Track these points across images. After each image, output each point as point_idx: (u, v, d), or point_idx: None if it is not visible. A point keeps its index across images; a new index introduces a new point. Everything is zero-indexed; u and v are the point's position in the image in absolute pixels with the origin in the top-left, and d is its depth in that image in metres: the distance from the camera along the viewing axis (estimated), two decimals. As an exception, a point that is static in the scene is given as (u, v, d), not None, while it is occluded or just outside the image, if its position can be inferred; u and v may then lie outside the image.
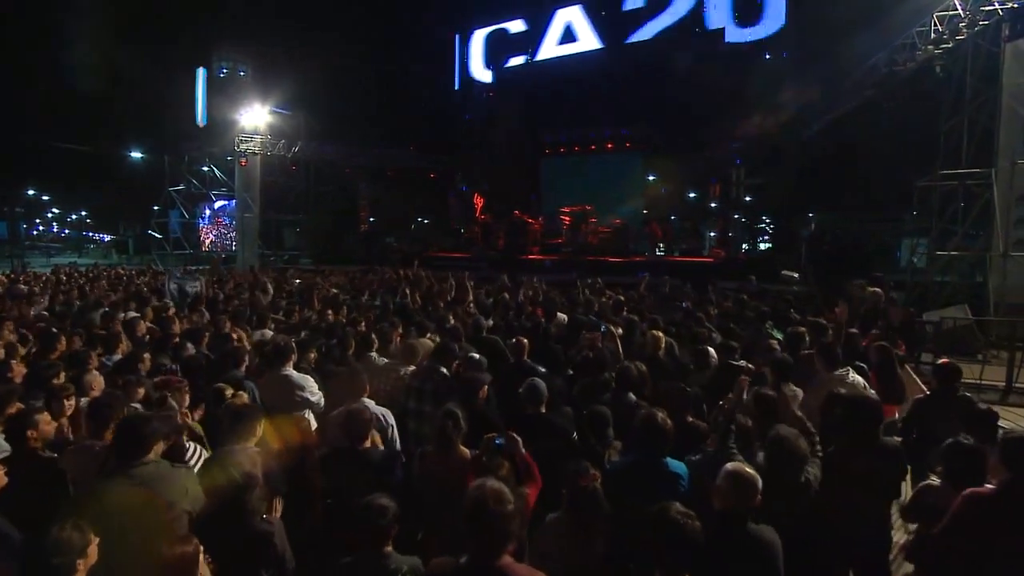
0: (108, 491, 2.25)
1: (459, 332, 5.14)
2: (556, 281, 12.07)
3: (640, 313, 6.51)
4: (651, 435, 2.60)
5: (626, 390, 3.81)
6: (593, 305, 6.83)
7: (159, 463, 2.46)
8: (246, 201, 23.97)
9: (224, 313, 6.46)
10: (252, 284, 10.50)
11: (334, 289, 9.82)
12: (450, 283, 9.07)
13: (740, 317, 6.69)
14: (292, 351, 3.86)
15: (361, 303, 8.50)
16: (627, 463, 2.70)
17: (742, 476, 2.12)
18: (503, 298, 7.94)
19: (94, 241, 64.74)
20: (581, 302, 7.56)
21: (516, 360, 4.52)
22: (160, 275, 10.09)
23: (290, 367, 3.85)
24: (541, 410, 3.32)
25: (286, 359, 3.81)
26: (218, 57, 27.09)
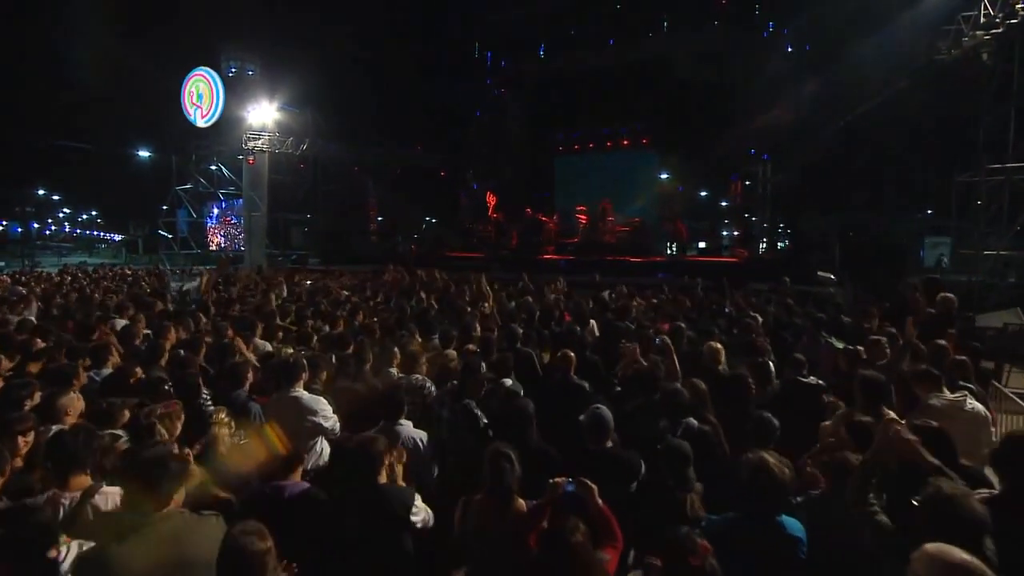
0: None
1: (491, 343, 4.59)
2: (575, 282, 11.51)
3: (682, 319, 5.94)
4: (763, 487, 2.04)
5: (683, 414, 3.25)
6: (628, 310, 6.25)
7: (183, 513, 2.01)
8: (254, 200, 23.55)
9: (227, 319, 5.96)
10: (261, 286, 10.01)
11: (344, 291, 9.31)
12: (470, 285, 8.54)
13: (788, 324, 6.09)
14: (303, 369, 3.33)
15: (374, 306, 7.99)
16: (732, 523, 2.14)
17: (958, 565, 1.46)
18: (527, 302, 7.38)
19: (105, 241, 64.95)
20: (613, 306, 6.98)
21: (562, 377, 3.96)
22: (164, 276, 9.59)
23: (300, 387, 3.32)
24: (607, 445, 2.77)
25: (296, 378, 3.28)
26: (226, 56, 26.73)
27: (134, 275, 14.33)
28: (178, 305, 7.09)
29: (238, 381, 3.45)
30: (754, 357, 4.56)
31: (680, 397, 3.37)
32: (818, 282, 10.09)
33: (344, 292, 9.33)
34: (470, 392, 3.49)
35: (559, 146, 23.66)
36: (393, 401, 3.21)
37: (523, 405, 3.10)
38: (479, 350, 4.48)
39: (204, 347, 4.56)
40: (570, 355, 4.04)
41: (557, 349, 5.29)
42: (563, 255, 16.95)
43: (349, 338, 4.92)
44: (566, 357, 4.02)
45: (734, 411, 3.57)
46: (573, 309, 6.54)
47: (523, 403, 3.14)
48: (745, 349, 4.73)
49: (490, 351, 4.51)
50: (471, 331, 5.03)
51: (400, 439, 3.10)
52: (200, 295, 7.44)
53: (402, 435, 3.14)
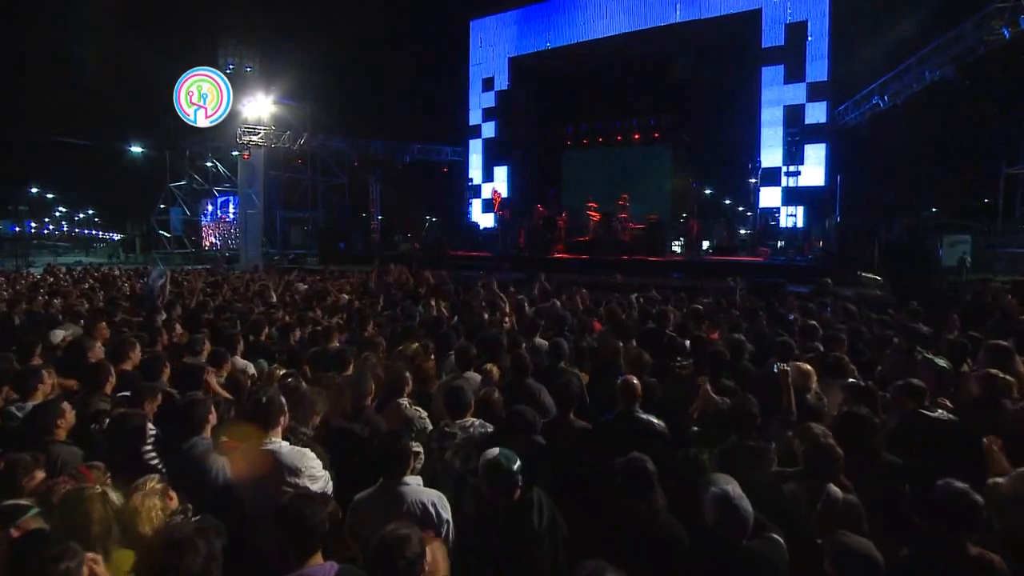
0: None
1: (524, 363, 3.69)
2: (589, 283, 10.63)
3: (735, 328, 5.05)
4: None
5: (817, 477, 2.37)
6: (668, 317, 5.36)
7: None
8: (249, 197, 22.68)
9: (204, 330, 5.08)
10: (253, 288, 9.13)
11: (345, 295, 8.42)
12: (482, 289, 7.67)
13: (858, 334, 5.19)
14: (280, 411, 2.44)
15: (379, 310, 7.11)
16: None
17: None
18: (552, 307, 6.49)
19: (104, 240, 64.16)
20: (654, 311, 6.08)
21: (624, 411, 3.09)
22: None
23: (278, 436, 2.43)
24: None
25: (271, 423, 2.40)
26: (224, 53, 25.93)
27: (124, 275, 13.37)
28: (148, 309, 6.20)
29: (196, 426, 2.57)
30: (846, 380, 3.69)
31: (826, 458, 2.45)
32: (861, 283, 9.20)
33: (344, 296, 8.44)
34: (512, 441, 2.58)
35: (567, 140, 22.73)
36: (395, 451, 2.33)
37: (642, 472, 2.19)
38: (515, 373, 3.60)
39: (167, 369, 3.68)
40: (635, 384, 3.16)
41: (597, 370, 4.46)
42: (575, 254, 16.05)
43: (348, 356, 4.04)
44: (629, 386, 3.14)
45: (855, 460, 2.70)
46: (610, 317, 5.64)
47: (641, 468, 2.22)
48: (831, 369, 3.84)
49: (524, 374, 3.62)
50: (499, 348, 4.13)
51: (405, 504, 2.23)
52: (156, 299, 6.54)
53: (407, 499, 2.26)
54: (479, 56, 25.10)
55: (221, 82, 21.33)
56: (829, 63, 17.98)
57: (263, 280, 10.52)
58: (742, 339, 4.35)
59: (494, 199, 20.76)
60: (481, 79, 24.93)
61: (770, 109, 18.83)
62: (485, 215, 23.39)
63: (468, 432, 2.92)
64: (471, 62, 25.29)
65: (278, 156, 24.00)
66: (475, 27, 25.12)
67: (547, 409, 3.47)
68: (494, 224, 21.23)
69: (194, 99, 21.65)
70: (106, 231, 71.29)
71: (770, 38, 18.85)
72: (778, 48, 18.68)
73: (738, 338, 4.36)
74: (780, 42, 18.66)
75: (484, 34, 24.89)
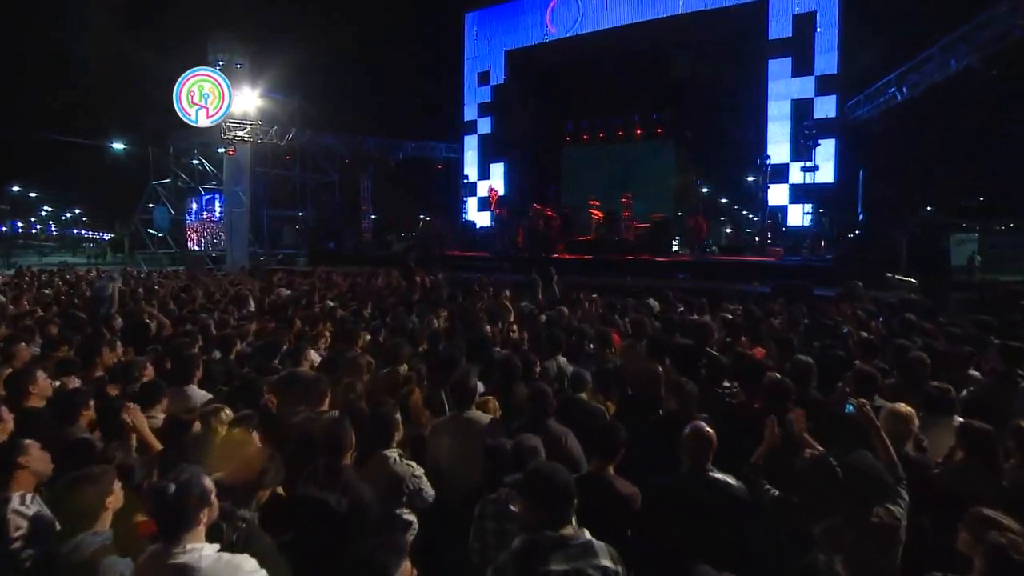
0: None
1: (546, 400, 2.90)
2: (593, 286, 9.87)
3: (784, 345, 4.28)
4: None
5: None
6: (710, 331, 4.57)
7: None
8: (236, 195, 21.79)
9: (156, 347, 4.26)
10: (230, 293, 8.29)
11: (330, 302, 7.60)
12: (482, 293, 6.88)
13: (929, 351, 4.43)
14: (202, 504, 1.62)
15: (365, 319, 6.31)
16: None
17: None
18: (560, 315, 5.70)
19: (95, 240, 62.84)
20: (674, 322, 5.30)
21: (694, 470, 2.32)
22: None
23: (198, 541, 1.62)
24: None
25: (186, 526, 1.58)
26: (214, 49, 24.93)
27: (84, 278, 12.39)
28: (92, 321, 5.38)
29: (84, 513, 1.74)
30: (953, 419, 2.93)
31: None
32: (891, 286, 8.47)
33: (330, 302, 7.63)
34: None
35: (566, 136, 21.95)
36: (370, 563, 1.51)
37: None
38: (534, 412, 2.81)
39: (88, 409, 2.86)
40: (709, 434, 2.38)
41: (627, 400, 3.67)
42: (576, 254, 15.26)
43: (322, 386, 3.24)
44: (702, 439, 2.37)
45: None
46: (635, 329, 4.85)
47: None
48: (933, 405, 3.07)
49: (545, 413, 2.84)
50: (512, 375, 3.34)
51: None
52: (105, 307, 5.70)
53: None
54: (474, 49, 24.29)
55: (222, 82, 20.63)
56: (839, 55, 17.34)
57: (241, 284, 9.67)
58: (808, 362, 3.57)
59: (491, 197, 19.98)
60: (476, 73, 24.11)
61: (777, 103, 18.15)
62: (481, 213, 22.58)
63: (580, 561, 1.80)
64: (466, 56, 24.47)
65: (266, 153, 23.06)
66: (470, 19, 24.30)
67: (576, 463, 2.69)
68: (491, 223, 20.43)
69: (195, 99, 20.89)
70: (96, 231, 69.96)
71: (777, 29, 18.16)
72: (786, 40, 18.00)
73: (803, 361, 3.57)
74: (788, 33, 17.98)
75: (479, 27, 24.08)
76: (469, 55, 24.41)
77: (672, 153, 20.17)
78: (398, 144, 22.72)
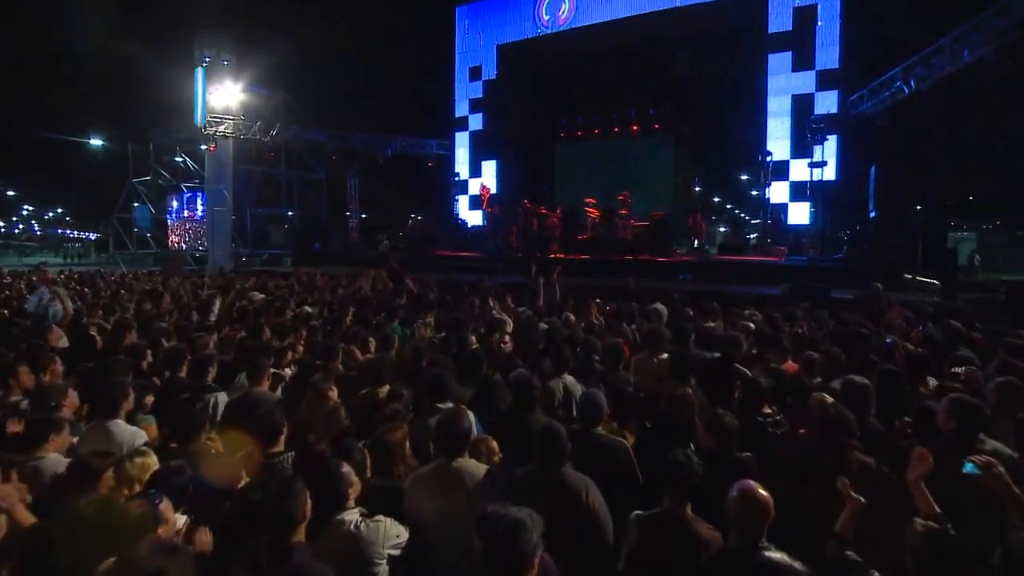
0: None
1: (561, 445, 2.28)
2: (592, 288, 9.26)
3: (831, 360, 3.68)
4: None
5: None
6: (739, 344, 3.97)
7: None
8: (219, 193, 20.97)
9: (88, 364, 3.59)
10: (194, 301, 7.60)
11: (308, 307, 6.93)
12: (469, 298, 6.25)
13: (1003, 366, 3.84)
14: None
15: (344, 327, 5.66)
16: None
17: None
18: (563, 322, 5.08)
19: (80, 240, 61.31)
20: (686, 331, 4.68)
21: (746, 547, 1.74)
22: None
23: None
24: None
25: None
26: (200, 45, 24.06)
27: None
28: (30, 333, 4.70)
29: None
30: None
31: None
32: (913, 288, 7.94)
33: (307, 309, 6.95)
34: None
35: (560, 133, 21.34)
36: None
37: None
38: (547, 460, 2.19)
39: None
40: (766, 502, 1.78)
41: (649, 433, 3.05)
42: (573, 254, 14.65)
43: (278, 421, 2.60)
44: (758, 509, 1.76)
45: None
46: (649, 340, 4.22)
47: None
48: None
49: (559, 460, 2.22)
50: (532, 407, 2.72)
51: None
52: (45, 323, 5.02)
53: None
54: (465, 44, 23.63)
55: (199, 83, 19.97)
56: (840, 50, 16.88)
57: (210, 288, 8.96)
58: (864, 384, 2.96)
59: (483, 195, 19.34)
60: (468, 68, 23.46)
61: (777, 99, 17.67)
62: (473, 212, 21.93)
63: None
64: (457, 50, 23.81)
65: (249, 149, 22.28)
66: (460, 13, 23.64)
67: (601, 526, 2.08)
68: (483, 222, 19.79)
69: None
70: (82, 230, 68.34)
71: (777, 23, 17.68)
72: (786, 34, 17.52)
73: (858, 383, 2.97)
74: (788, 27, 17.51)
75: (470, 20, 23.42)
76: (460, 49, 23.76)
77: (670, 150, 19.66)
78: (387, 140, 22.00)
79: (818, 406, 3.02)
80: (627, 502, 2.32)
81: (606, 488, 2.34)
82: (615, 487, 2.40)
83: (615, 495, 2.34)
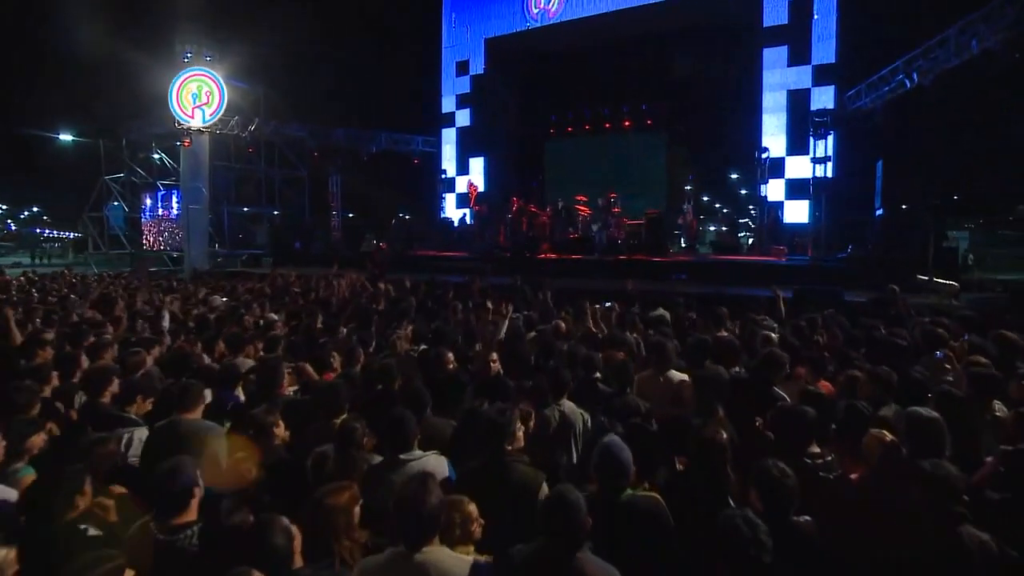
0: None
1: (579, 521, 1.64)
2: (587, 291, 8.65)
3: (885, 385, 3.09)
4: None
5: None
6: (780, 363, 3.35)
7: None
8: (196, 190, 20.08)
9: None
10: (144, 310, 6.88)
11: (272, 315, 6.23)
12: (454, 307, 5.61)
13: None
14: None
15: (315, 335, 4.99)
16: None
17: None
18: (556, 330, 4.45)
19: (61, 239, 59.61)
20: (706, 345, 4.07)
21: None
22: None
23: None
24: None
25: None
26: (182, 40, 23.11)
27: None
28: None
29: None
30: None
31: None
32: (931, 290, 7.42)
33: (272, 315, 6.26)
34: None
35: (551, 129, 20.74)
36: None
37: None
38: (561, 543, 1.56)
39: None
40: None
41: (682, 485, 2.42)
42: (564, 254, 14.04)
43: (190, 487, 1.95)
44: None
45: None
46: (656, 355, 3.61)
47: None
48: None
49: (577, 543, 1.58)
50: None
51: None
52: None
53: None
54: (452, 37, 22.93)
55: (216, 81, 19.33)
56: (837, 44, 16.45)
57: (172, 291, 8.21)
58: (934, 420, 2.36)
59: (470, 193, 18.69)
60: (455, 63, 22.76)
61: (772, 94, 17.20)
62: (460, 211, 21.26)
63: None
64: (443, 44, 23.10)
65: (227, 145, 21.41)
66: (447, 5, 22.94)
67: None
68: (470, 220, 19.12)
69: (198, 100, 19.37)
70: (61, 230, 66.52)
71: (772, 16, 17.20)
72: (781, 27, 17.05)
73: (927, 418, 2.37)
74: (783, 20, 17.03)
75: (457, 13, 22.73)
76: (447, 43, 23.05)
77: (663, 146, 19.14)
78: (370, 136, 21.24)
79: (878, 446, 2.42)
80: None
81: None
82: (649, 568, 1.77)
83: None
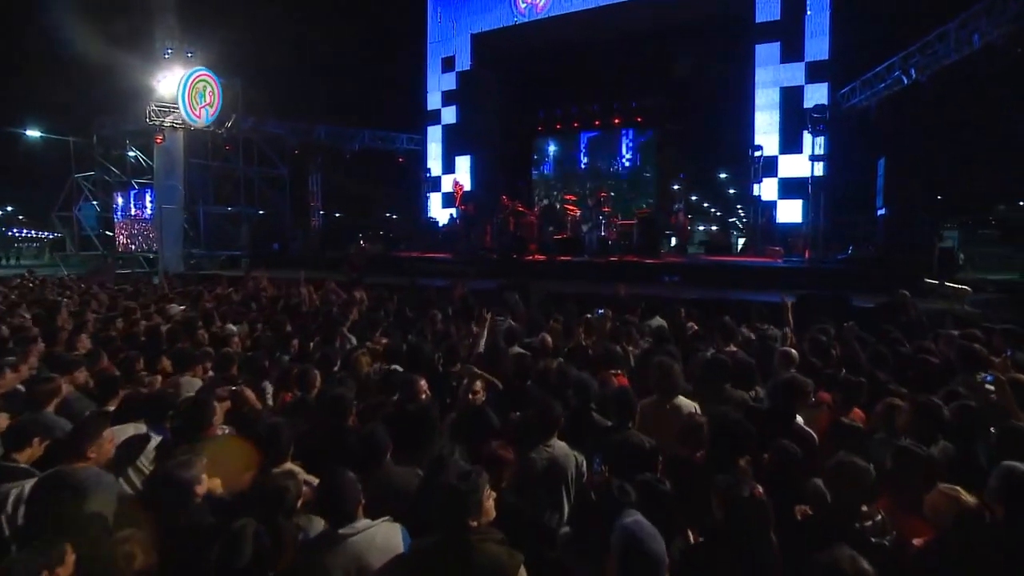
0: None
1: None
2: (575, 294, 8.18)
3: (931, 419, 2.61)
4: None
5: None
6: (804, 390, 2.85)
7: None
8: (171, 188, 19.29)
9: None
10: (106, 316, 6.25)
11: (231, 325, 5.63)
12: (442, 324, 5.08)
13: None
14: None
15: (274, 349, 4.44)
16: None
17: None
18: (543, 346, 3.92)
19: (38, 239, 57.94)
20: (725, 365, 3.58)
21: None
22: None
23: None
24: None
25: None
26: (162, 35, 22.22)
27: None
28: None
29: None
30: None
31: None
32: (942, 295, 7.02)
33: (232, 328, 5.66)
34: None
35: (539, 126, 20.23)
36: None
37: None
38: None
39: None
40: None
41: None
42: (552, 255, 13.53)
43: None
44: None
45: None
46: (662, 379, 3.10)
47: None
48: None
49: None
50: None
51: None
52: None
53: None
54: (438, 32, 22.34)
55: (215, 80, 18.84)
56: (831, 40, 16.14)
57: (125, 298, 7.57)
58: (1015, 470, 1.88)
59: (456, 192, 18.12)
60: (440, 58, 22.17)
61: (765, 91, 16.87)
62: (446, 211, 20.67)
63: None
64: (429, 39, 22.51)
65: (204, 142, 20.59)
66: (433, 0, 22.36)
67: None
68: (457, 220, 18.55)
69: (204, 100, 18.76)
70: (38, 230, 64.67)
71: (764, 12, 16.85)
72: (773, 23, 16.71)
73: (1020, 472, 1.88)
74: (776, 16, 16.70)
75: (443, 8, 22.14)
76: (432, 39, 22.46)
77: (653, 144, 18.72)
78: (353, 134, 20.57)
79: (953, 510, 1.93)
80: None
81: None
82: None
83: None
